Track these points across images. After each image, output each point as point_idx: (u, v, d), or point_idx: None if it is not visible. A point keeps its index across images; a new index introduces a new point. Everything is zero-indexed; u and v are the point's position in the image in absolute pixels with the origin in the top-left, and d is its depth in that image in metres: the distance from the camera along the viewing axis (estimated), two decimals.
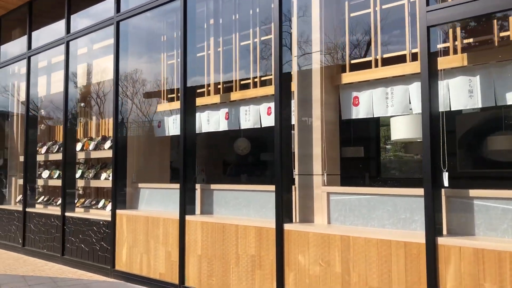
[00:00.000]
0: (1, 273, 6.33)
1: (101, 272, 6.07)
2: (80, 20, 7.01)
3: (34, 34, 7.96)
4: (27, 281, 5.85)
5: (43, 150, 8.15)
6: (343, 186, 4.10)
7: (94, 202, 7.05)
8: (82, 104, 7.41)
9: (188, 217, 5.03)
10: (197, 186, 5.24)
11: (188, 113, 5.20)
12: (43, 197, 8.18)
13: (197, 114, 5.51)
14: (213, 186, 5.13)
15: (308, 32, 4.33)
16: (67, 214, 6.83)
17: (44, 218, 7.31)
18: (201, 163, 8.93)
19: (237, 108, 5.27)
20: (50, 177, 7.98)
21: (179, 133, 5.95)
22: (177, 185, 5.45)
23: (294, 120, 4.35)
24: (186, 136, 5.16)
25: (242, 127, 5.21)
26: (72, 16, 7.07)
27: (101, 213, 6.60)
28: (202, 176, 8.92)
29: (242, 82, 5.21)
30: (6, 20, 8.80)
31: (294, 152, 4.32)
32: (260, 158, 8.91)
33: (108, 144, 6.79)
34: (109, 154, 6.74)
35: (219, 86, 5.47)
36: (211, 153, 9.17)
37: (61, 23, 7.23)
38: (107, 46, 6.85)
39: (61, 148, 7.78)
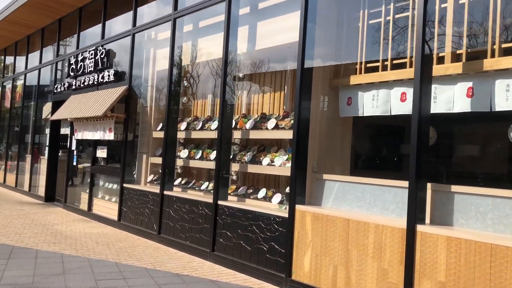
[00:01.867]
0: (150, 267, 5.44)
1: (271, 280, 4.96)
2: None
3: None
4: (186, 283, 4.88)
5: (182, 126, 7.22)
6: None
7: (251, 190, 5.96)
8: (241, 75, 6.29)
9: (421, 228, 3.71)
10: (428, 185, 3.90)
11: (423, 87, 3.83)
12: (180, 179, 7.27)
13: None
14: (454, 188, 3.76)
15: None
16: (220, 202, 5.81)
17: (188, 205, 6.35)
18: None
19: (489, 82, 3.82)
20: (190, 157, 7.03)
21: (379, 114, 4.69)
22: (394, 182, 4.18)
23: None
24: (421, 118, 3.81)
25: (497, 109, 3.77)
26: None
27: (266, 205, 5.48)
28: None
29: (504, 46, 3.75)
30: None
31: None
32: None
33: (272, 123, 5.65)
34: (271, 135, 5.63)
35: (458, 52, 4.05)
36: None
37: None
38: (277, 4, 5.64)
39: (205, 126, 6.79)
